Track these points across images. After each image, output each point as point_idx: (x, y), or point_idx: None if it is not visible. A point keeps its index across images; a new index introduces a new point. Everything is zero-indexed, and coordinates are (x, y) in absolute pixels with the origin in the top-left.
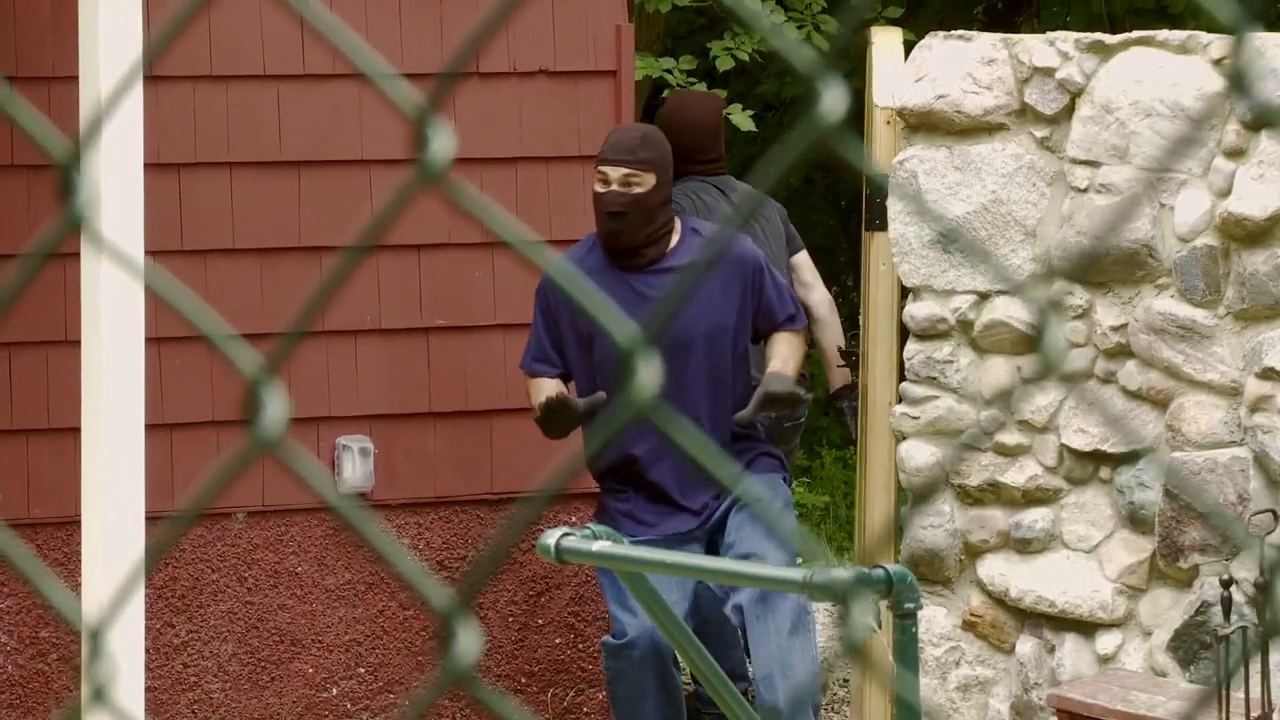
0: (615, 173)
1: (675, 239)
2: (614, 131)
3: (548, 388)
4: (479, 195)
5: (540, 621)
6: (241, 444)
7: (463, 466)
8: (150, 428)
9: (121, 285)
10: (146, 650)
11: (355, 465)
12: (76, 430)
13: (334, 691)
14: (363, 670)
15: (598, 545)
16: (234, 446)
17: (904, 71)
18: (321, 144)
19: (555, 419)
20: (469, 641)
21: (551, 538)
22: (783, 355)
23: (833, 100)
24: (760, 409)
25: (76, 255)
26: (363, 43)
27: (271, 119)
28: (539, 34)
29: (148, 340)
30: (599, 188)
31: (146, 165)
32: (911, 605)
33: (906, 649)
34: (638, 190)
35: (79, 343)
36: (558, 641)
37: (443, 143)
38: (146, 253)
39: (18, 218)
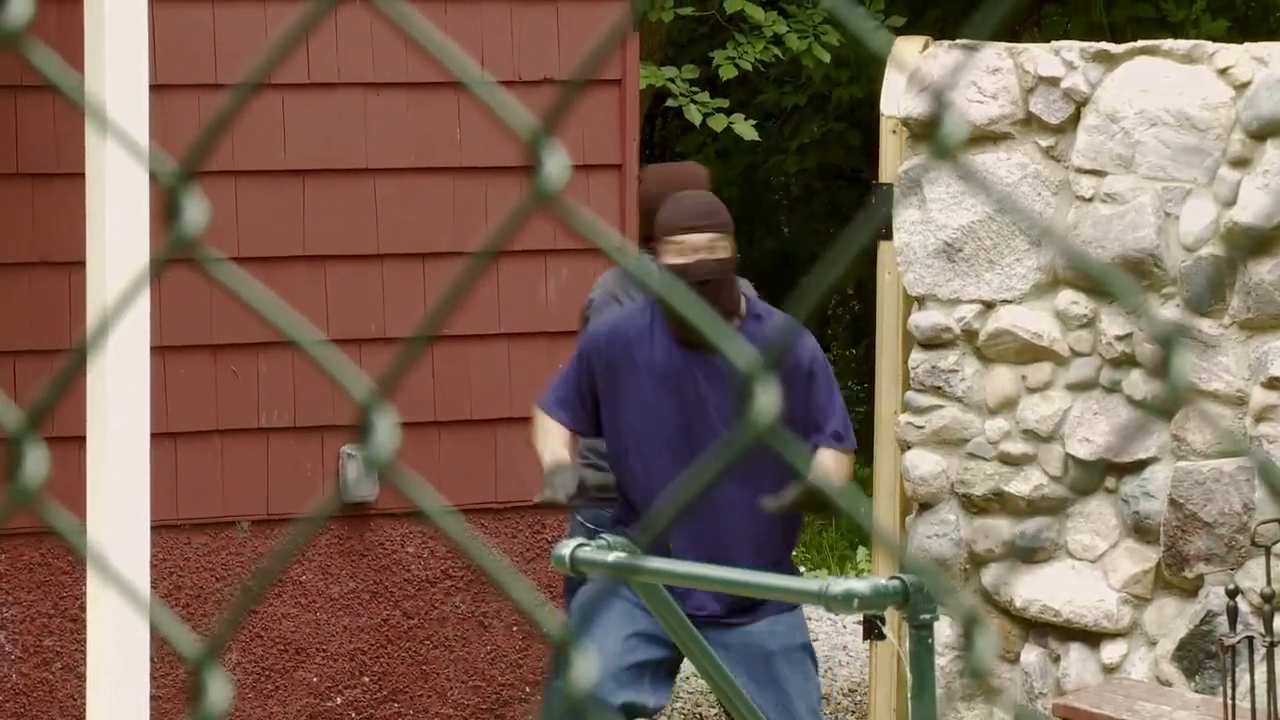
0: (699, 239)
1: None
2: (679, 199)
3: (555, 437)
4: (590, 216)
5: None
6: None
7: (466, 475)
8: (155, 436)
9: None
10: (151, 659)
11: (359, 474)
12: (82, 439)
13: (338, 700)
14: (366, 679)
15: (613, 556)
16: (238, 455)
17: (910, 80)
18: (326, 152)
19: (557, 485)
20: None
21: (566, 548)
22: (827, 471)
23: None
24: (796, 503)
25: (81, 264)
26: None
27: (276, 127)
28: (544, 42)
29: (153, 349)
30: (676, 259)
31: (152, 174)
32: (928, 616)
33: (923, 659)
34: (722, 256)
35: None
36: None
37: (557, 164)
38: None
39: (22, 226)
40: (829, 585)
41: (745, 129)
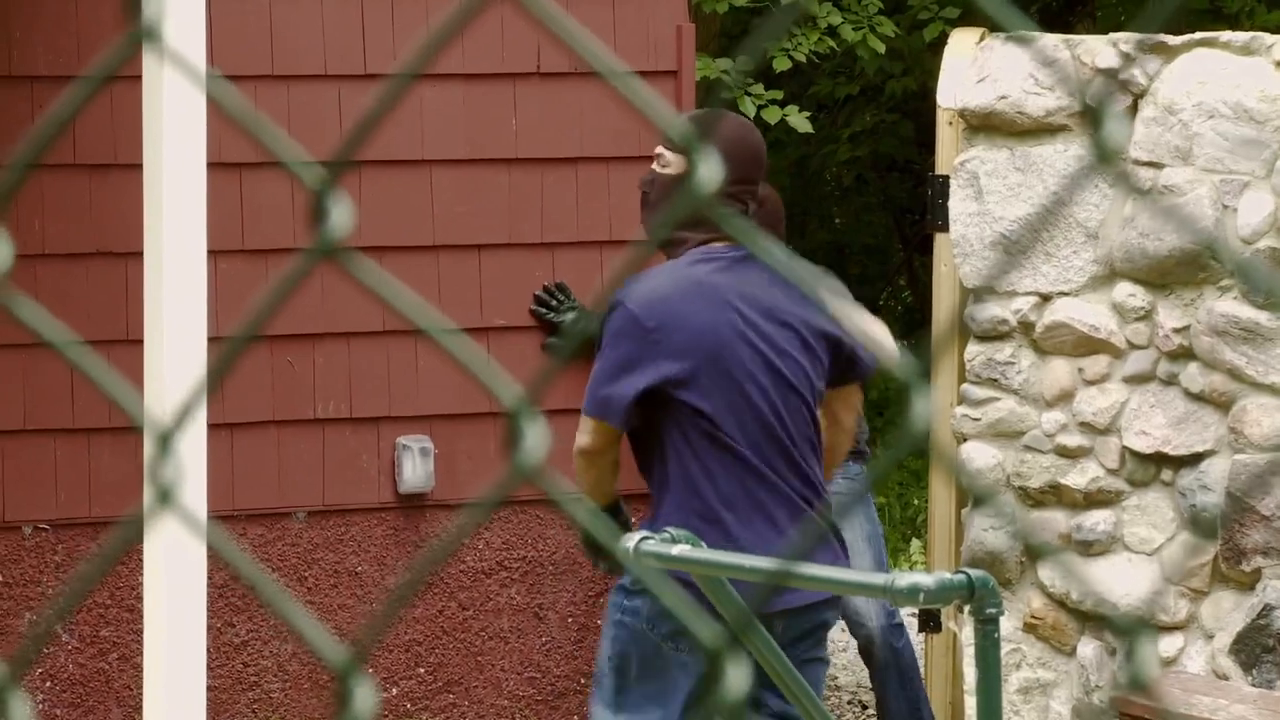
0: (657, 148)
1: None
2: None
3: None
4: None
5: (599, 622)
6: (502, 473)
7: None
8: (211, 427)
9: (183, 284)
10: (207, 649)
11: (415, 465)
12: (138, 430)
13: (394, 691)
14: (422, 670)
15: (677, 549)
16: (294, 446)
17: (966, 72)
18: (383, 144)
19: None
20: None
21: (630, 540)
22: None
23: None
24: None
25: (138, 254)
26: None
27: (333, 118)
28: (599, 34)
29: (209, 340)
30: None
31: (209, 165)
32: (994, 610)
33: (989, 654)
34: (663, 171)
35: (141, 342)
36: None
37: (708, 169)
38: (208, 252)
39: (79, 217)
40: (895, 579)
41: (799, 121)
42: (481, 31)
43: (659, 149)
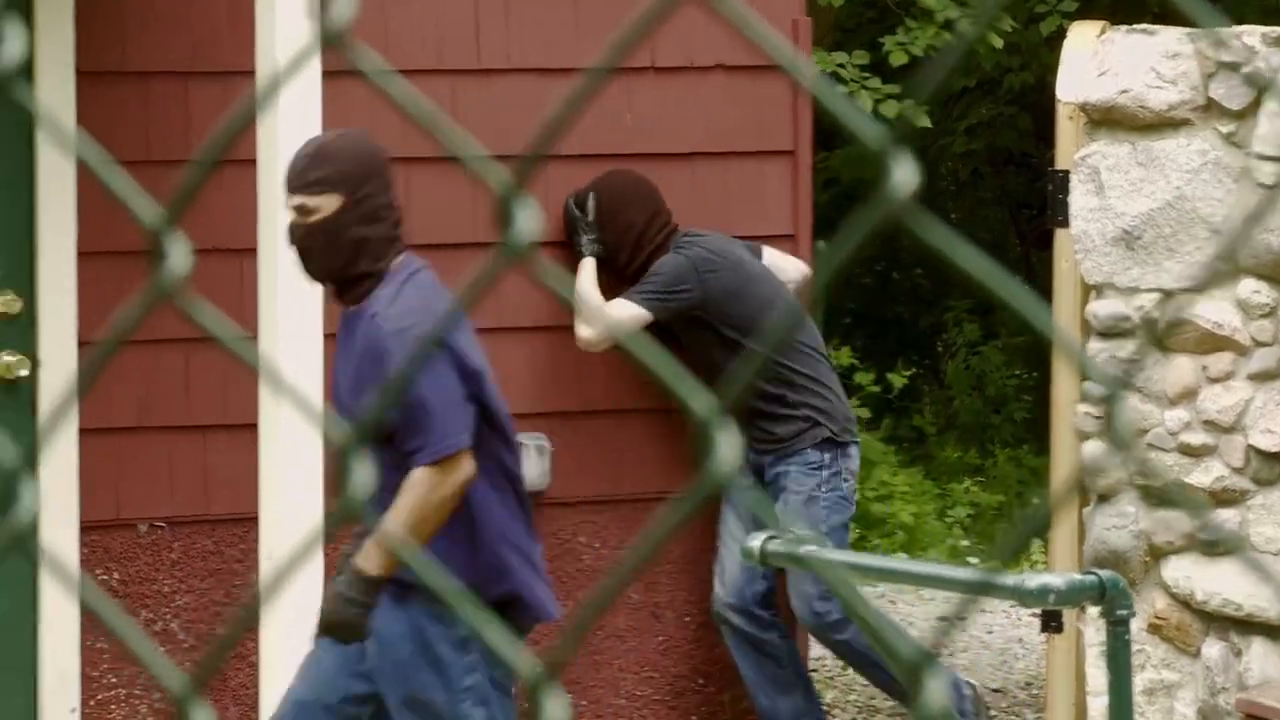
0: (290, 202)
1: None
2: (295, 152)
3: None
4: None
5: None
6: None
7: (640, 465)
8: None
9: (297, 284)
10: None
11: (532, 463)
12: (254, 426)
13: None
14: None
15: (803, 549)
16: None
17: (1086, 66)
18: (498, 138)
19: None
20: None
21: (756, 540)
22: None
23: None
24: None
25: (253, 251)
26: (799, 54)
27: (448, 114)
28: (716, 28)
29: (325, 336)
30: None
31: None
32: (1125, 612)
33: (1120, 655)
34: (314, 219)
35: (256, 338)
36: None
37: (905, 173)
38: None
39: (193, 213)
40: (1025, 580)
41: (918, 116)
42: (596, 25)
43: (298, 200)
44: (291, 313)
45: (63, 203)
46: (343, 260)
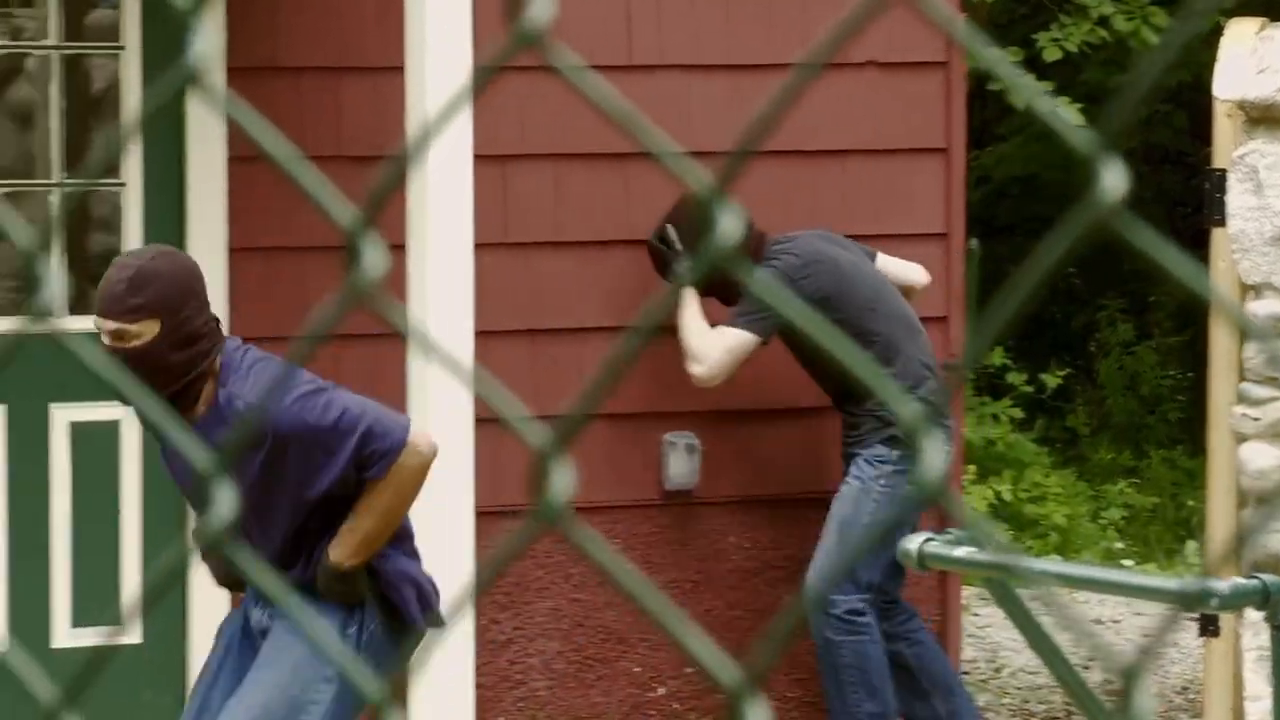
0: (105, 325)
1: (212, 399)
2: (107, 274)
3: None
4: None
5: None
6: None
7: (790, 465)
8: (477, 422)
9: (449, 282)
10: (474, 646)
11: (681, 462)
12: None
13: (660, 691)
14: (689, 670)
15: (961, 551)
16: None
17: (1245, 63)
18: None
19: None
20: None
21: (914, 542)
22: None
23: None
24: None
25: (403, 248)
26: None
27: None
28: (870, 25)
29: (473, 334)
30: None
31: (475, 157)
32: None
33: None
34: (134, 344)
35: (407, 337)
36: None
37: (1114, 178)
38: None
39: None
40: (1188, 584)
41: (1070, 111)
42: (748, 22)
43: (116, 325)
44: (442, 310)
45: (213, 200)
46: (166, 379)
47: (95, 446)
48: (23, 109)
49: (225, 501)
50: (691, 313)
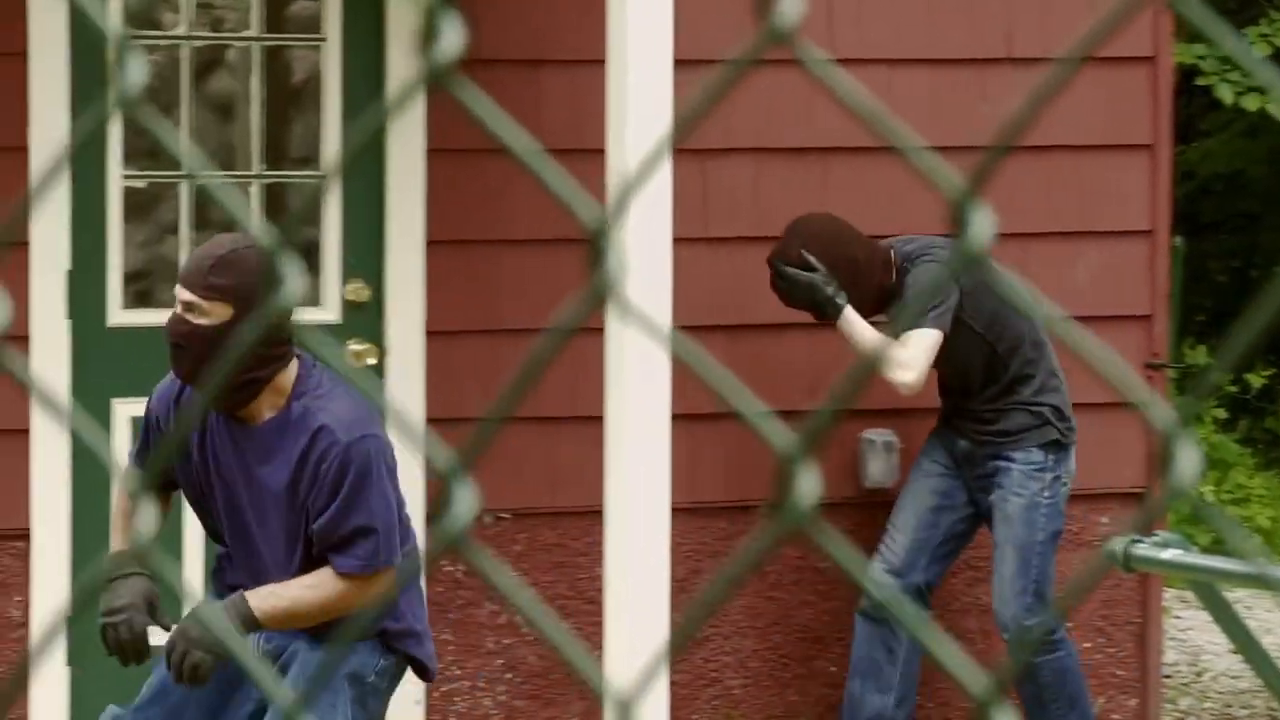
0: (181, 294)
1: (281, 408)
2: (203, 245)
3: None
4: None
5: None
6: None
7: None
8: (674, 418)
9: (647, 276)
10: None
11: (879, 460)
12: (601, 419)
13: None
14: None
15: (1169, 553)
16: (755, 438)
17: None
18: (848, 130)
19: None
20: None
21: (1119, 544)
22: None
23: None
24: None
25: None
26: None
27: (802, 104)
28: (1074, 16)
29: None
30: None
31: (675, 150)
32: None
33: None
34: (200, 322)
35: (602, 330)
36: (1086, 645)
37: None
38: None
39: (543, 203)
40: None
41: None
42: (950, 15)
43: (191, 297)
44: (640, 303)
45: (412, 193)
46: (197, 372)
47: None
48: (223, 101)
49: (465, 501)
50: (867, 329)
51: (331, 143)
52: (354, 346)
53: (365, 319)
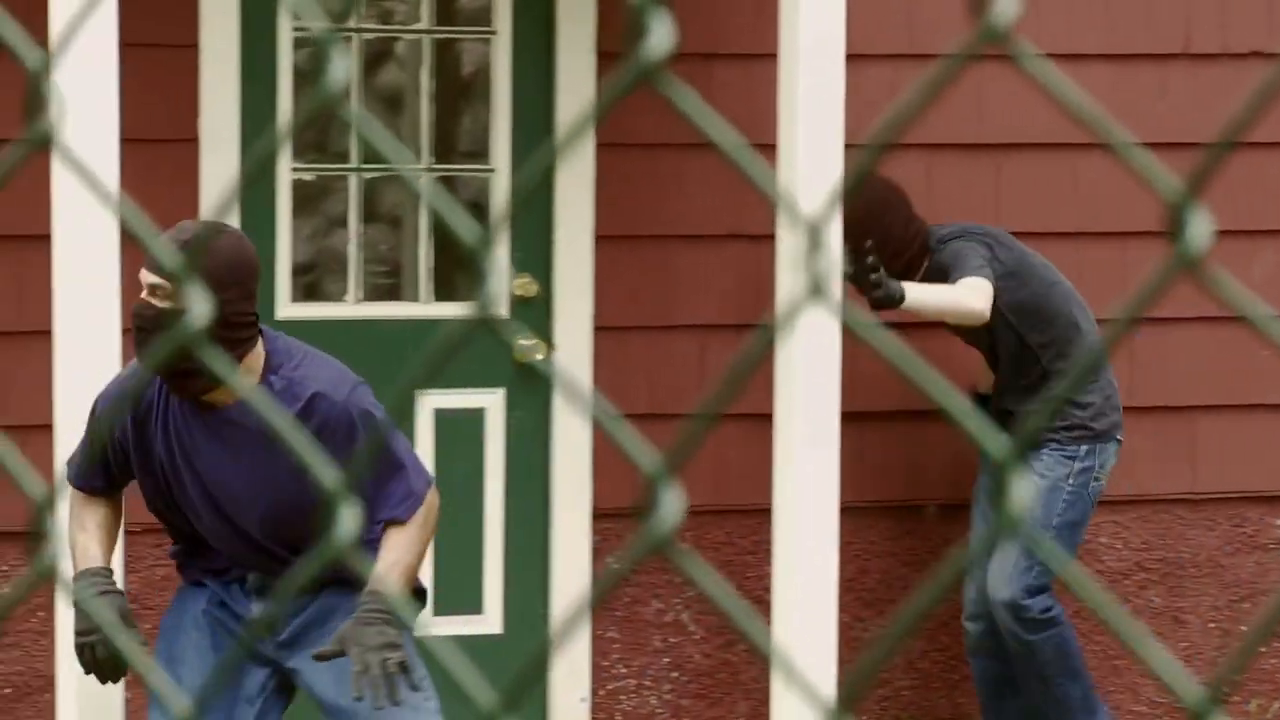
0: (146, 278)
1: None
2: (169, 230)
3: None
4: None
5: (1244, 628)
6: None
7: (1163, 464)
8: (844, 416)
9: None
10: (837, 645)
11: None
12: (768, 417)
13: None
14: None
15: None
16: (925, 438)
17: None
18: (1024, 126)
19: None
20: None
21: None
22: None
23: None
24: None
25: (773, 237)
26: None
27: (972, 99)
28: (1253, 13)
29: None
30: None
31: (846, 146)
32: None
33: None
34: (166, 305)
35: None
36: (1261, 650)
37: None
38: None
39: (717, 200)
40: None
41: None
42: (1128, 11)
43: (157, 280)
44: (809, 308)
45: (580, 186)
46: (181, 352)
47: (459, 434)
48: (393, 94)
49: (671, 504)
50: (926, 288)
51: (501, 137)
52: (522, 342)
53: (533, 314)
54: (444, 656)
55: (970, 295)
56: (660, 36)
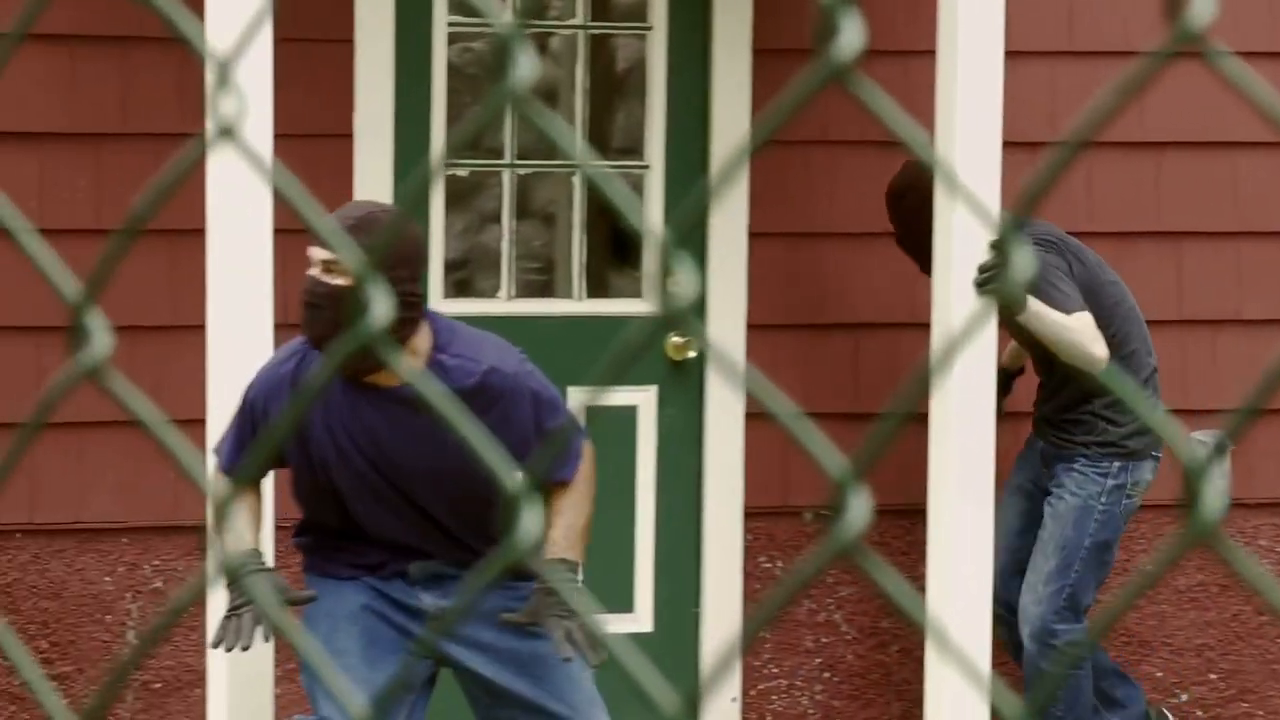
0: (317, 254)
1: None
2: (340, 209)
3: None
4: None
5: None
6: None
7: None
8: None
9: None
10: (991, 649)
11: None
12: (924, 416)
13: (1183, 697)
14: (1214, 676)
15: None
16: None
17: None
18: (1185, 125)
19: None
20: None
21: None
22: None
23: None
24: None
25: (873, 236)
26: None
27: (1134, 99)
28: None
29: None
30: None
31: (1004, 144)
32: None
33: None
34: (339, 282)
35: (928, 326)
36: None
37: None
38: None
39: (818, 197)
40: None
41: None
42: (1252, 7)
43: (329, 255)
44: (964, 303)
45: (735, 184)
46: (328, 334)
47: (611, 431)
48: (547, 89)
49: (858, 508)
50: (1049, 309)
51: (655, 133)
52: (675, 339)
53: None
54: (623, 656)
55: (1097, 343)
56: (851, 36)
